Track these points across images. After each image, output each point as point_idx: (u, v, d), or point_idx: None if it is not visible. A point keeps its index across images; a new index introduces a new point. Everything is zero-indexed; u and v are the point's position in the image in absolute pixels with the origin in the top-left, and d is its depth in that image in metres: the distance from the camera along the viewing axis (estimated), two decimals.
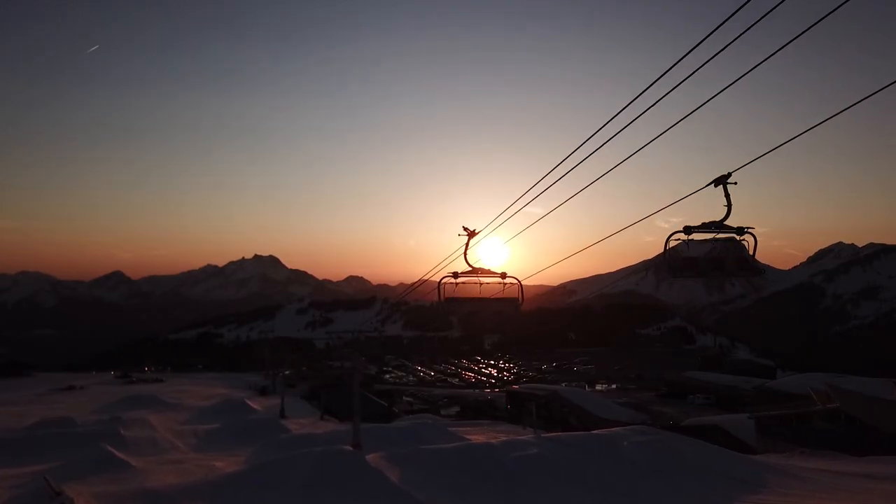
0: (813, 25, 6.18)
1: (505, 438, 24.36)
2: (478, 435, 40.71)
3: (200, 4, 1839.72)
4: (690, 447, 21.84)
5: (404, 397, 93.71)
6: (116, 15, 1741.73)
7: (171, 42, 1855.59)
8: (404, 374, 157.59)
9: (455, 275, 9.60)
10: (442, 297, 9.47)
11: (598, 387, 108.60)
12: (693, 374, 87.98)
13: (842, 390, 34.55)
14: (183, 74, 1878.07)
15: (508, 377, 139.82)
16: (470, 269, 9.81)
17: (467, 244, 9.86)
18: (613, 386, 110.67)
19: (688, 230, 8.63)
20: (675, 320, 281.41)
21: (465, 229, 9.68)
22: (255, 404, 61.04)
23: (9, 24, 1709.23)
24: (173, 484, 20.32)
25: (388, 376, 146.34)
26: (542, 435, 24.82)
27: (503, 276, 9.77)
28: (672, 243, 8.44)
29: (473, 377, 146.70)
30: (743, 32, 6.36)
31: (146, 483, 23.43)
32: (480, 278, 9.68)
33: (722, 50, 6.64)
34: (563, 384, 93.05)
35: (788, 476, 19.37)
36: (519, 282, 9.89)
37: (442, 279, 9.58)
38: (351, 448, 21.27)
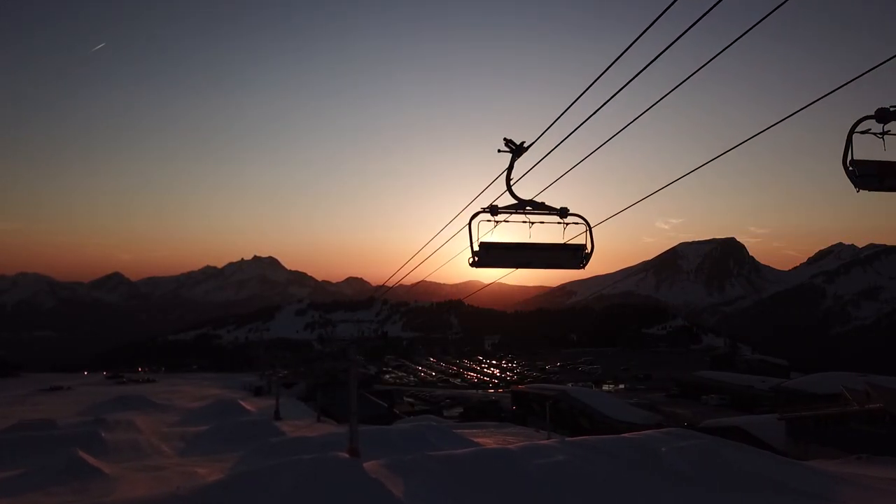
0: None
1: (524, 443, 21.35)
2: (486, 438, 37.86)
3: (197, 6, 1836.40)
4: (740, 453, 18.86)
5: (405, 398, 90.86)
6: (115, 17, 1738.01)
7: (169, 44, 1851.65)
8: (404, 374, 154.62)
9: (493, 210, 6.58)
10: (474, 242, 6.44)
11: (605, 387, 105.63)
12: (705, 374, 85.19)
13: (886, 389, 31.63)
14: (182, 76, 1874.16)
15: (512, 377, 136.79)
16: (515, 201, 6.74)
17: (511, 165, 6.63)
18: (621, 386, 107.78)
19: (883, 115, 5.43)
20: (677, 321, 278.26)
21: (509, 143, 6.55)
22: (249, 405, 58.54)
23: (9, 26, 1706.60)
24: (138, 498, 17.43)
25: (387, 376, 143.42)
26: (566, 439, 21.81)
27: (563, 212, 6.74)
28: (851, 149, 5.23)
29: (476, 377, 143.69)
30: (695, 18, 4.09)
31: (111, 496, 20.61)
32: (530, 216, 6.68)
33: (679, 37, 5.12)
34: (570, 384, 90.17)
35: (865, 489, 16.42)
36: (587, 223, 6.80)
37: (474, 215, 6.53)
38: (346, 455, 18.26)
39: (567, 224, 6.64)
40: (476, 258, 6.48)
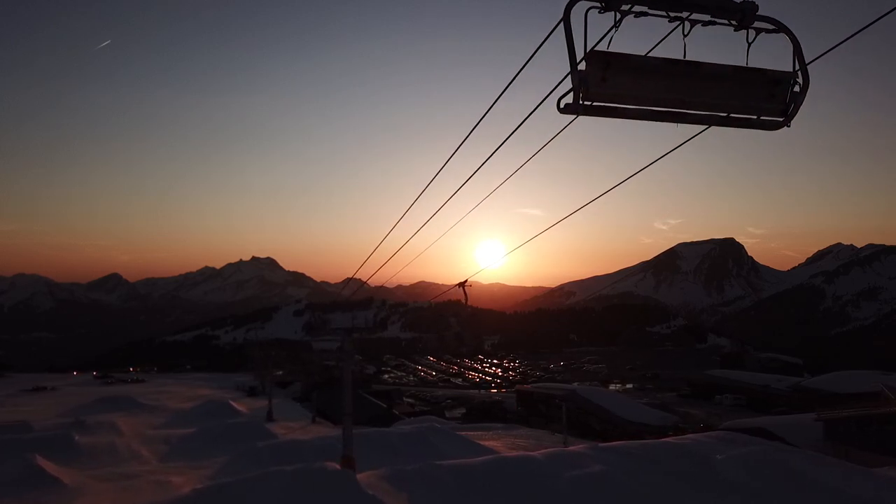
0: None
1: (549, 450, 18.20)
2: (493, 441, 34.84)
3: (196, 6, 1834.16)
4: (815, 464, 15.69)
5: (405, 398, 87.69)
6: (113, 18, 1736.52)
7: (168, 45, 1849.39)
8: (404, 373, 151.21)
9: None
10: (577, 50, 3.03)
11: (612, 386, 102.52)
12: (719, 373, 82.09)
13: None
14: (180, 77, 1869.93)
15: (514, 377, 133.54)
16: None
17: None
18: (629, 386, 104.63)
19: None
20: (678, 321, 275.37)
21: None
22: (241, 406, 55.60)
23: (7, 27, 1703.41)
24: None
25: (386, 376, 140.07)
26: (600, 444, 18.63)
27: (747, 13, 3.25)
28: None
29: (478, 377, 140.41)
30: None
31: None
32: (683, 13, 3.22)
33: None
34: (575, 384, 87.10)
35: None
36: (792, 36, 3.38)
37: (573, 2, 3.09)
38: (338, 466, 15.09)
39: (755, 34, 3.36)
40: (585, 86, 3.12)
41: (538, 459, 15.91)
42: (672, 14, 3.19)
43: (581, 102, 3.15)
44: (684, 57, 3.20)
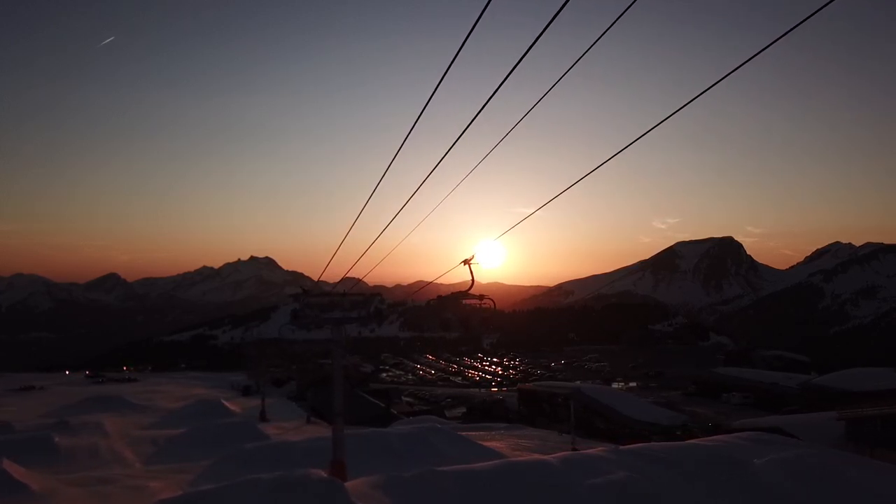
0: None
1: (563, 454, 16.38)
2: (497, 442, 33.09)
3: (195, 6, 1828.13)
4: (869, 470, 13.89)
5: (403, 397, 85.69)
6: (114, 18, 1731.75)
7: (167, 45, 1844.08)
8: (402, 372, 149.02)
9: None
10: None
11: (615, 385, 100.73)
12: (726, 371, 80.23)
13: None
14: (179, 77, 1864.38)
15: (515, 375, 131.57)
16: None
17: None
18: (632, 384, 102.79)
19: None
20: (678, 319, 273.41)
21: None
22: (234, 406, 53.90)
23: (7, 27, 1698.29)
24: None
25: (384, 375, 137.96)
26: (620, 448, 16.78)
27: None
28: None
29: (478, 376, 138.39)
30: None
31: None
32: None
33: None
34: (578, 382, 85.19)
35: None
36: None
37: None
38: (326, 473, 13.23)
39: None
40: None
41: (552, 464, 14.11)
42: None
43: None
44: None
